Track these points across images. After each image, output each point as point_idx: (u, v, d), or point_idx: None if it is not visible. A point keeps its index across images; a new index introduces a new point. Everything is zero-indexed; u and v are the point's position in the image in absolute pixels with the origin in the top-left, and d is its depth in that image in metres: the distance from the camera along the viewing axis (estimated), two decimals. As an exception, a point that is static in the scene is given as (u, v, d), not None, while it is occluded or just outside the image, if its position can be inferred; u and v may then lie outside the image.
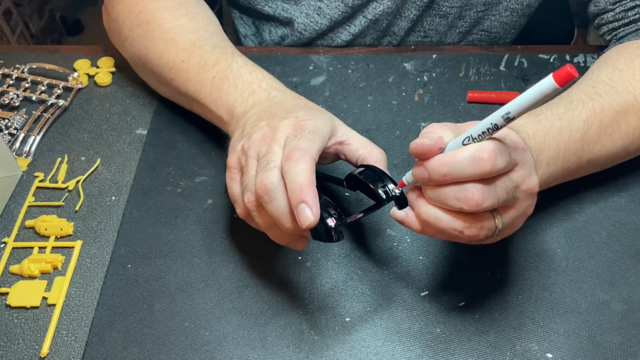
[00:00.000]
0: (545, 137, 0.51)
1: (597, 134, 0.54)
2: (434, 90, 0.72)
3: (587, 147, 0.54)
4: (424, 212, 0.44)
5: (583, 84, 0.58)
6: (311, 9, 0.77)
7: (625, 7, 0.65)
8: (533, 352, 0.50)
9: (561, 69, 0.35)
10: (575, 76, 0.35)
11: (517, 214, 0.44)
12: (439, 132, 0.43)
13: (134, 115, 0.70)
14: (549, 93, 0.36)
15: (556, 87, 0.36)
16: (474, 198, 0.41)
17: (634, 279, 0.54)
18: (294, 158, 0.44)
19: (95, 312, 0.52)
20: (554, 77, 0.35)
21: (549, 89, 0.36)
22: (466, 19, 0.78)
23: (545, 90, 0.36)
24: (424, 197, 0.44)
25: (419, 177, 0.43)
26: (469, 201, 0.41)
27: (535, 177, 0.44)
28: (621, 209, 0.60)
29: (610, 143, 0.55)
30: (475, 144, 0.41)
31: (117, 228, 0.58)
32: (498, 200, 0.42)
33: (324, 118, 0.50)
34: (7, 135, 0.67)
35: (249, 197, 0.47)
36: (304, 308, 0.53)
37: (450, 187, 0.42)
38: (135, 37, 0.65)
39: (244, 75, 0.57)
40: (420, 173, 0.43)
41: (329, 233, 0.44)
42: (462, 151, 0.41)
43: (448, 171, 0.41)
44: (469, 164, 0.41)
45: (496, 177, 0.42)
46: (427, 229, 0.45)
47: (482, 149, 0.40)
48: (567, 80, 0.35)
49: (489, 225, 0.43)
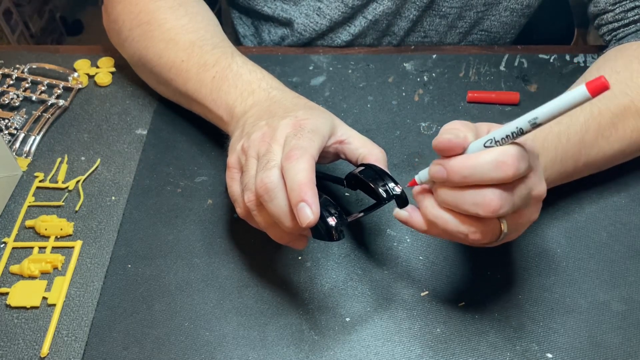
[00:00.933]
0: (544, 141, 0.51)
1: (594, 137, 0.54)
2: (434, 90, 0.72)
3: (584, 150, 0.54)
4: (430, 213, 0.44)
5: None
6: (311, 9, 0.77)
7: (625, 8, 0.65)
8: (533, 352, 0.50)
9: (595, 80, 0.35)
10: (608, 87, 0.35)
11: (522, 220, 0.44)
12: (463, 130, 0.42)
13: (134, 115, 0.70)
14: (580, 102, 0.36)
15: (588, 97, 0.35)
16: (492, 204, 0.40)
17: (634, 279, 0.54)
18: (294, 157, 0.44)
19: (95, 312, 0.52)
20: (588, 87, 0.35)
21: (581, 98, 0.36)
22: (466, 19, 0.78)
23: (577, 100, 0.36)
24: (431, 197, 0.44)
25: (437, 177, 0.42)
26: (486, 207, 0.41)
27: (544, 183, 0.44)
28: (621, 209, 0.60)
29: (607, 146, 0.55)
30: (499, 148, 0.40)
31: (117, 228, 0.58)
32: (513, 207, 0.42)
33: (324, 117, 0.50)
34: (7, 135, 0.67)
35: (249, 196, 0.47)
36: (304, 308, 0.53)
37: (469, 192, 0.41)
38: (135, 37, 0.65)
39: (244, 75, 0.57)
40: (439, 172, 0.42)
41: (330, 232, 0.44)
42: (485, 154, 0.40)
43: (469, 174, 0.40)
44: (491, 167, 0.40)
45: (514, 182, 0.41)
46: (432, 230, 0.45)
47: (506, 153, 0.40)
48: (601, 91, 0.35)
49: (494, 231, 0.43)
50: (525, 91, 0.71)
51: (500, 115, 0.68)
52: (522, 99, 0.70)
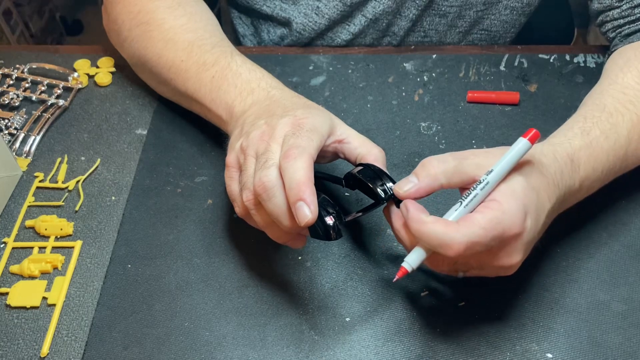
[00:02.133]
0: (595, 163, 0.51)
1: (635, 147, 0.54)
2: (434, 90, 0.72)
3: (625, 162, 0.55)
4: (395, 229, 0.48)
5: (612, 90, 0.57)
6: (309, 8, 0.77)
7: (632, 4, 0.64)
8: (533, 352, 0.50)
9: (528, 131, 0.43)
10: (539, 136, 0.44)
11: (486, 274, 0.47)
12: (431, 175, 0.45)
13: (134, 115, 0.70)
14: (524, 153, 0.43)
15: (530, 146, 0.43)
16: (430, 263, 0.46)
17: (634, 279, 0.54)
18: (292, 156, 0.44)
19: (95, 312, 0.52)
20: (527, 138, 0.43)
21: (525, 149, 0.43)
22: (466, 19, 0.78)
23: (522, 152, 0.43)
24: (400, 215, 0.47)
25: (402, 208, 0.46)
26: (427, 261, 0.45)
27: (515, 258, 0.45)
28: (621, 209, 0.60)
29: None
30: (453, 226, 0.42)
31: (117, 228, 0.58)
32: (455, 269, 0.46)
33: (323, 116, 0.50)
34: (7, 135, 0.67)
35: (248, 196, 0.47)
36: (304, 308, 0.53)
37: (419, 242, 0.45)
38: (135, 38, 0.65)
39: (243, 75, 0.57)
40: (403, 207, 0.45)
41: (327, 231, 0.44)
42: (436, 226, 0.42)
43: (419, 237, 0.43)
44: (436, 244, 0.42)
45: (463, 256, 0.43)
46: None
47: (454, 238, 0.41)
48: (537, 139, 0.44)
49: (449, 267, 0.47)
50: (525, 91, 0.71)
51: (501, 115, 0.68)
52: (522, 98, 0.70)
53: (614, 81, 0.58)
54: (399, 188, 0.46)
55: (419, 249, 0.44)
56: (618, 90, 0.57)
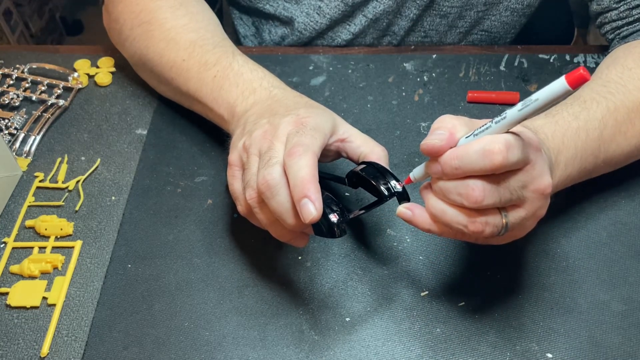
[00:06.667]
0: (563, 137, 0.50)
1: (612, 132, 0.54)
2: (434, 90, 0.72)
3: (603, 146, 0.54)
4: (430, 205, 0.44)
5: (594, 84, 0.57)
6: (311, 8, 0.77)
7: (629, 6, 0.64)
8: (533, 352, 0.50)
9: (574, 71, 0.35)
10: (588, 79, 0.35)
11: (526, 214, 0.43)
12: (449, 127, 0.43)
13: (134, 115, 0.70)
14: (561, 95, 0.36)
15: (568, 89, 0.35)
16: (474, 195, 0.40)
17: (634, 279, 0.54)
18: (297, 153, 0.44)
19: (95, 312, 0.52)
20: (567, 79, 0.35)
21: (561, 90, 0.36)
22: (466, 19, 0.78)
23: (556, 92, 0.36)
24: (431, 191, 0.44)
25: (433, 172, 0.43)
26: (469, 197, 0.41)
27: (547, 178, 0.43)
28: (621, 209, 0.60)
29: (625, 142, 0.55)
30: (488, 136, 0.40)
31: (117, 228, 0.58)
32: (500, 199, 0.41)
33: (325, 115, 0.50)
34: (7, 135, 0.67)
35: (251, 194, 0.47)
36: (304, 308, 0.53)
37: (454, 182, 0.42)
38: (136, 37, 0.65)
39: (245, 74, 0.57)
40: (434, 167, 0.43)
41: (332, 229, 0.44)
42: (474, 144, 0.40)
43: (459, 164, 0.41)
44: (479, 157, 0.40)
45: (504, 174, 0.41)
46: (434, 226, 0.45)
47: (494, 141, 0.39)
48: (580, 83, 0.35)
49: (494, 222, 0.42)
50: (525, 91, 0.71)
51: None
52: (522, 98, 0.70)
53: (598, 77, 0.59)
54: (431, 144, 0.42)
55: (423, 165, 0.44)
56: (599, 83, 0.57)
